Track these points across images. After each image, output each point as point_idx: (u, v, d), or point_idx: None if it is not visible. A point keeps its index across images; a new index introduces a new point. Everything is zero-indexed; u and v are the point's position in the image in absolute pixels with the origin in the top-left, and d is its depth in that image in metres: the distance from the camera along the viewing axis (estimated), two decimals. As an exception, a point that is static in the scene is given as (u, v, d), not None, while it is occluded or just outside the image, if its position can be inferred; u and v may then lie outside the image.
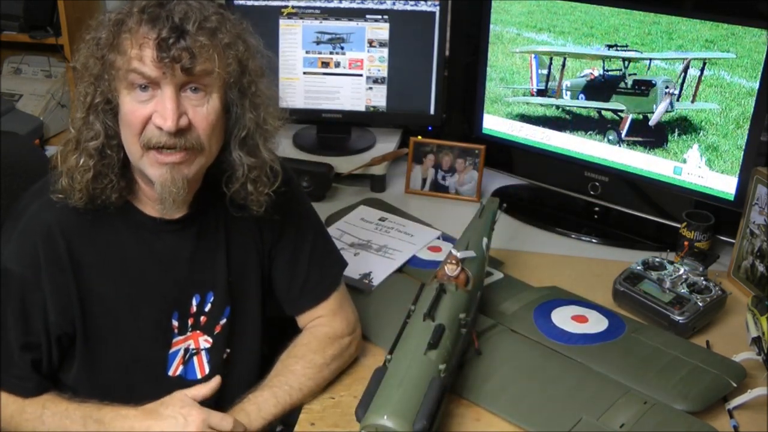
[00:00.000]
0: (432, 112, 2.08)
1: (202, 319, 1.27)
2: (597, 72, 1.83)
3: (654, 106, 1.76)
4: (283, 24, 2.03)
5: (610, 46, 1.79)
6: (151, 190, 1.18)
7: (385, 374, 1.15)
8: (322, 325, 1.33)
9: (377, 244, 1.71)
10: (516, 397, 1.27)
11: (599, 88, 1.84)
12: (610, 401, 1.25)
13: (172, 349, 1.25)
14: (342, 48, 2.05)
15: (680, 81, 1.71)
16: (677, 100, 1.73)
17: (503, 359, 1.35)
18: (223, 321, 1.28)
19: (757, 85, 1.61)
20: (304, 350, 1.29)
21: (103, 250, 1.19)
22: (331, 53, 2.06)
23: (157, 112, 1.09)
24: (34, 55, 2.41)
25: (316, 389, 1.28)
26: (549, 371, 1.33)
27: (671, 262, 1.58)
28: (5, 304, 1.17)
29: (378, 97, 2.08)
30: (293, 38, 2.04)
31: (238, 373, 1.31)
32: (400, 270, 1.64)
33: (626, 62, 1.78)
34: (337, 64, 2.06)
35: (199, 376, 1.28)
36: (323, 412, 1.25)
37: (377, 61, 2.05)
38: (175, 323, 1.24)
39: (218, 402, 1.26)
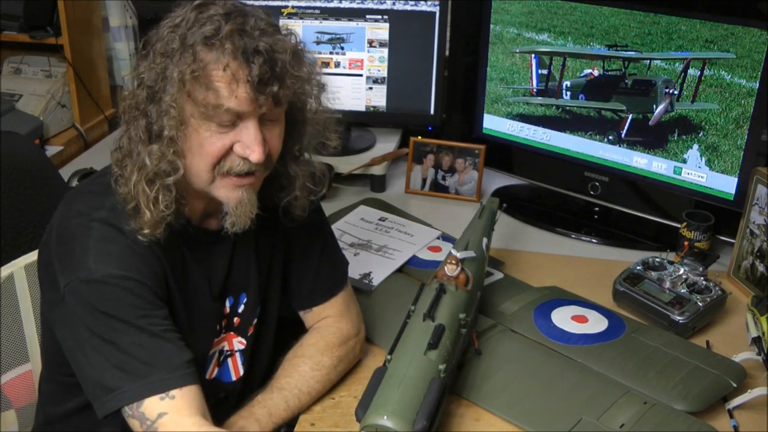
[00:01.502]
0: (432, 112, 2.08)
1: (236, 320, 1.27)
2: (597, 72, 1.83)
3: (654, 106, 1.76)
4: (283, 24, 2.03)
5: (610, 46, 1.79)
6: (198, 203, 1.16)
7: (385, 374, 1.15)
8: (329, 325, 1.33)
9: (377, 244, 1.71)
10: (516, 397, 1.27)
11: (599, 88, 1.84)
12: (610, 401, 1.25)
13: (209, 352, 1.25)
14: (342, 48, 2.05)
15: (680, 81, 1.71)
16: (677, 100, 1.73)
17: (503, 359, 1.35)
18: (255, 321, 1.29)
19: (757, 85, 1.61)
20: (312, 350, 1.29)
21: (166, 258, 1.14)
22: (331, 53, 2.06)
23: (241, 143, 1.06)
24: (34, 55, 2.40)
25: (323, 392, 1.28)
26: (549, 371, 1.33)
27: (671, 262, 1.58)
28: (127, 307, 1.07)
29: (378, 97, 2.08)
30: (293, 38, 2.04)
31: (260, 371, 1.32)
32: (400, 270, 1.64)
33: (626, 62, 1.78)
34: (337, 64, 2.06)
35: (234, 378, 1.29)
36: (323, 412, 1.25)
37: (377, 61, 2.06)
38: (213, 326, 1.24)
39: (240, 401, 1.26)
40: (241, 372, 1.29)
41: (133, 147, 1.08)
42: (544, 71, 1.91)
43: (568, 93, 1.88)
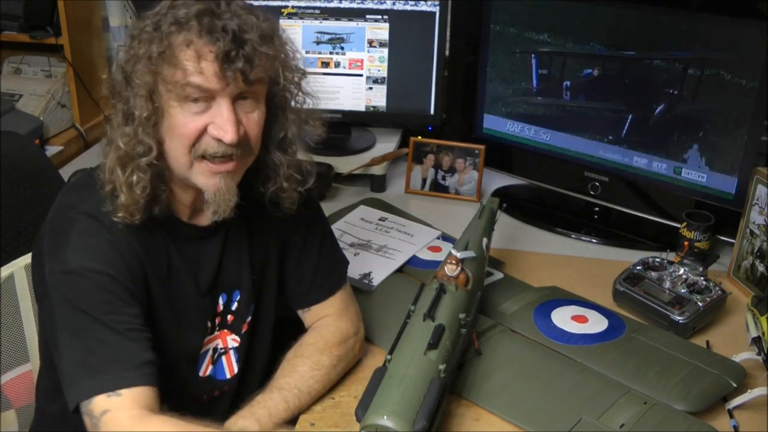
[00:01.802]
0: (432, 112, 2.08)
1: (229, 318, 1.27)
2: (597, 72, 1.83)
3: (654, 106, 1.76)
4: (283, 24, 2.03)
5: (610, 46, 1.79)
6: (186, 196, 1.17)
7: (385, 374, 1.15)
8: (329, 324, 1.33)
9: (377, 244, 1.71)
10: (516, 397, 1.27)
11: (599, 88, 1.84)
12: (610, 401, 1.25)
13: (202, 350, 1.25)
14: (342, 48, 2.05)
15: (680, 81, 1.71)
16: (677, 100, 1.73)
17: (503, 359, 1.35)
18: (249, 319, 1.29)
19: (756, 85, 1.61)
20: (311, 350, 1.29)
21: (148, 254, 1.14)
22: (331, 53, 2.06)
23: (214, 124, 1.07)
24: (34, 55, 2.40)
25: (323, 392, 1.28)
26: (549, 371, 1.33)
27: (671, 262, 1.58)
28: (96, 302, 1.07)
29: (378, 97, 2.08)
30: (293, 38, 2.03)
31: (256, 371, 1.32)
32: (400, 270, 1.64)
33: (626, 62, 1.78)
34: (337, 64, 2.06)
35: (228, 376, 1.29)
36: (323, 412, 1.25)
37: (377, 61, 2.06)
38: (203, 322, 1.24)
39: (237, 399, 1.26)
40: (236, 370, 1.29)
41: (112, 133, 1.10)
42: (544, 71, 1.90)
43: (568, 93, 1.88)
